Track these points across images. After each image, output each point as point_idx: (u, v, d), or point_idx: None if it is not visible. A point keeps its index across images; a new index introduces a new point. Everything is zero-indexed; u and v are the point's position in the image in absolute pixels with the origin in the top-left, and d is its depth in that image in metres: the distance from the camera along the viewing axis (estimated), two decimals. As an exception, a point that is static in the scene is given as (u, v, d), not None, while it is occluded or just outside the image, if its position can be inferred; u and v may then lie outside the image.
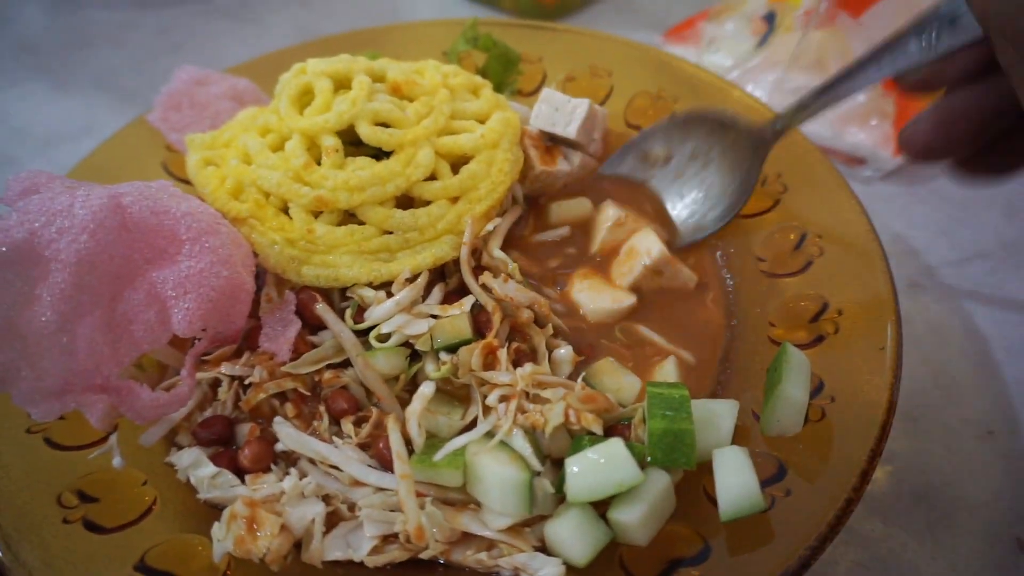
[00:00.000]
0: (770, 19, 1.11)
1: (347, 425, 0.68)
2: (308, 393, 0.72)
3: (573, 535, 0.59)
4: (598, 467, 0.60)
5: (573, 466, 0.61)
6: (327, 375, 0.71)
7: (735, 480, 0.59)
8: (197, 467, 0.66)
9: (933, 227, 1.00)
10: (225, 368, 0.72)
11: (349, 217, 0.78)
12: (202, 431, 0.70)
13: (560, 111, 0.91)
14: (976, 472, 0.76)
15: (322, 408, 0.70)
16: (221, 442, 0.71)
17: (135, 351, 0.67)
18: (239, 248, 0.74)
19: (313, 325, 0.75)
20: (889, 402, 0.64)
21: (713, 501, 0.62)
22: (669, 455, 0.62)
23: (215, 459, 0.68)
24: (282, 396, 0.72)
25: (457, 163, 0.81)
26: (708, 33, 1.18)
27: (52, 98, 1.26)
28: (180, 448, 0.71)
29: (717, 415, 0.65)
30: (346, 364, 0.74)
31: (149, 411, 0.68)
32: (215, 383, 0.74)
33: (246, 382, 0.72)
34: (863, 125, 1.06)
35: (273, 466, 0.68)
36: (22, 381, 0.61)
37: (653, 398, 0.65)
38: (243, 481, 0.67)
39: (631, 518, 0.58)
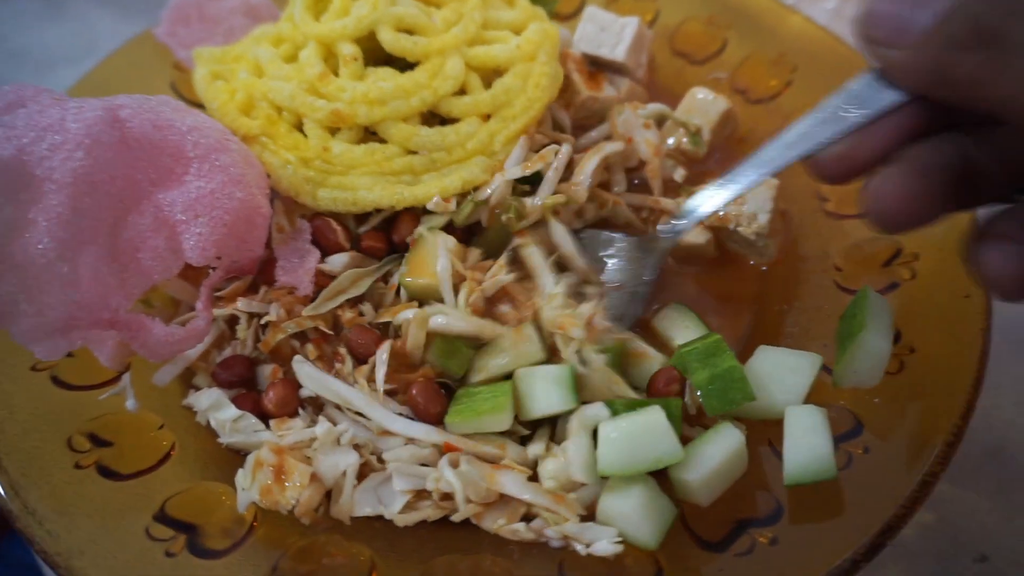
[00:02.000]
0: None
1: (361, 379, 0.62)
2: (330, 331, 0.66)
3: (638, 514, 0.53)
4: (634, 437, 0.54)
5: (608, 432, 0.55)
6: (348, 314, 0.65)
7: (806, 443, 0.53)
8: (218, 409, 0.61)
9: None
10: (242, 304, 0.66)
11: (369, 135, 0.71)
12: (222, 372, 0.65)
13: (607, 31, 0.82)
14: (1052, 428, 0.70)
15: (343, 349, 0.65)
16: (242, 383, 0.66)
17: (145, 282, 0.61)
18: (252, 167, 0.67)
19: (327, 252, 0.69)
20: (981, 353, 0.58)
21: (780, 456, 0.56)
22: (724, 398, 0.57)
23: (237, 401, 0.63)
24: (302, 335, 0.66)
25: (489, 77, 0.73)
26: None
27: (49, 15, 1.17)
28: (198, 390, 0.65)
29: (793, 368, 0.59)
30: (362, 298, 0.68)
31: (163, 347, 0.62)
32: (232, 320, 0.68)
33: (263, 320, 0.66)
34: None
35: (300, 410, 0.62)
36: (21, 316, 0.55)
37: (686, 356, 0.60)
38: (267, 426, 0.61)
39: (695, 477, 0.53)
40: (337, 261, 0.67)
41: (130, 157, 0.60)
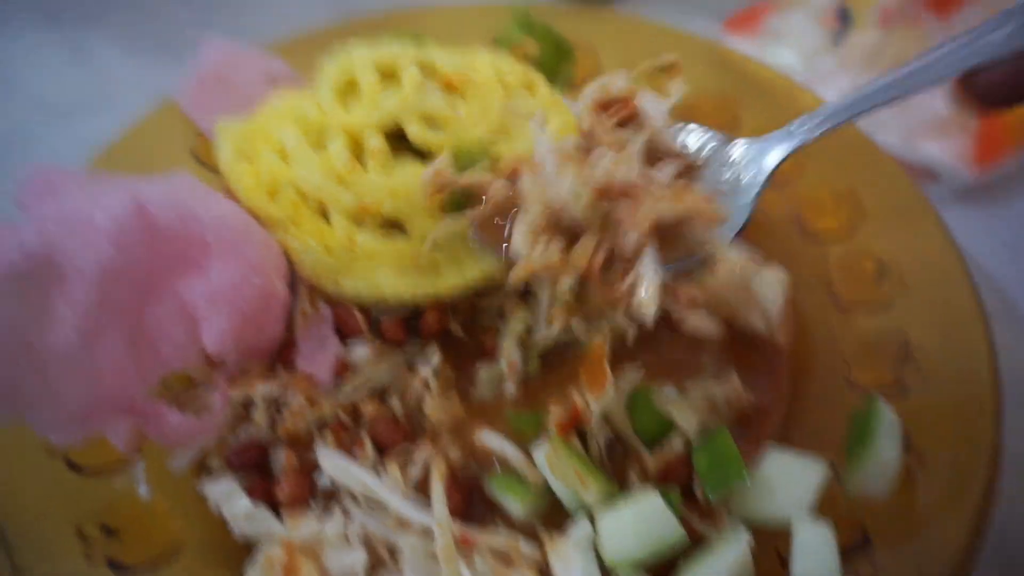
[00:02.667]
0: (843, 16, 1.03)
1: (393, 469, 0.63)
2: (349, 422, 0.67)
3: None
4: (635, 525, 0.55)
5: (606, 523, 0.56)
6: (369, 407, 0.66)
7: (814, 567, 0.54)
8: (231, 500, 0.61)
9: (1011, 251, 0.93)
10: (260, 389, 0.67)
11: (392, 226, 0.72)
12: (236, 458, 0.65)
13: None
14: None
15: (365, 437, 0.65)
16: (256, 469, 0.66)
17: (163, 370, 0.62)
18: (271, 253, 0.68)
19: (346, 339, 0.70)
20: (991, 463, 0.59)
21: (786, 565, 0.57)
22: (722, 480, 0.59)
23: (250, 489, 0.63)
24: (321, 423, 0.67)
25: (512, 170, 0.74)
26: (773, 25, 1.09)
27: (74, 63, 1.19)
28: (210, 470, 0.66)
29: (801, 476, 0.60)
30: (386, 389, 0.69)
31: (178, 436, 0.63)
32: (248, 403, 0.69)
33: (280, 403, 0.67)
34: (940, 137, 0.98)
35: (312, 502, 0.63)
36: (43, 408, 0.56)
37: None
38: (279, 516, 0.62)
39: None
40: (359, 351, 0.68)
41: (154, 248, 0.61)
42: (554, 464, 0.61)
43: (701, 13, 1.20)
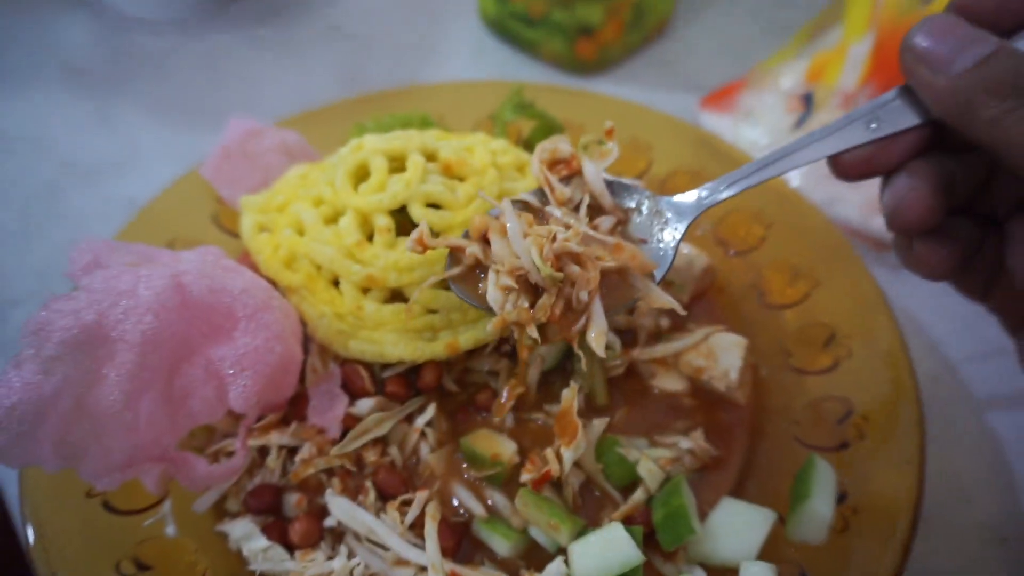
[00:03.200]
0: (808, 100, 1.13)
1: (393, 512, 0.71)
2: (354, 468, 0.75)
3: None
4: (601, 550, 0.65)
5: (576, 549, 0.66)
6: (371, 455, 0.75)
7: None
8: (249, 539, 0.70)
9: (958, 319, 1.02)
10: (275, 438, 0.75)
11: (395, 294, 0.81)
12: (252, 500, 0.74)
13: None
14: (985, 577, 0.79)
15: (368, 483, 0.74)
16: (270, 511, 0.74)
17: (192, 423, 0.71)
18: (289, 319, 0.77)
19: (354, 396, 0.79)
20: (912, 519, 0.68)
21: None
22: (674, 534, 0.68)
23: (266, 530, 0.71)
24: (328, 470, 0.75)
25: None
26: (745, 104, 1.20)
27: (98, 123, 1.29)
28: (229, 513, 0.74)
29: (749, 521, 0.69)
30: (386, 438, 0.78)
31: (204, 481, 0.71)
32: (263, 449, 0.77)
33: (294, 454, 0.75)
34: (892, 210, 1.08)
35: (321, 541, 0.71)
36: (90, 459, 0.64)
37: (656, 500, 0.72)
38: (291, 554, 0.70)
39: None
40: (364, 405, 0.77)
41: (188, 316, 0.70)
42: (527, 513, 0.70)
43: (680, 87, 1.32)
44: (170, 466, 0.69)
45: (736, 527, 0.69)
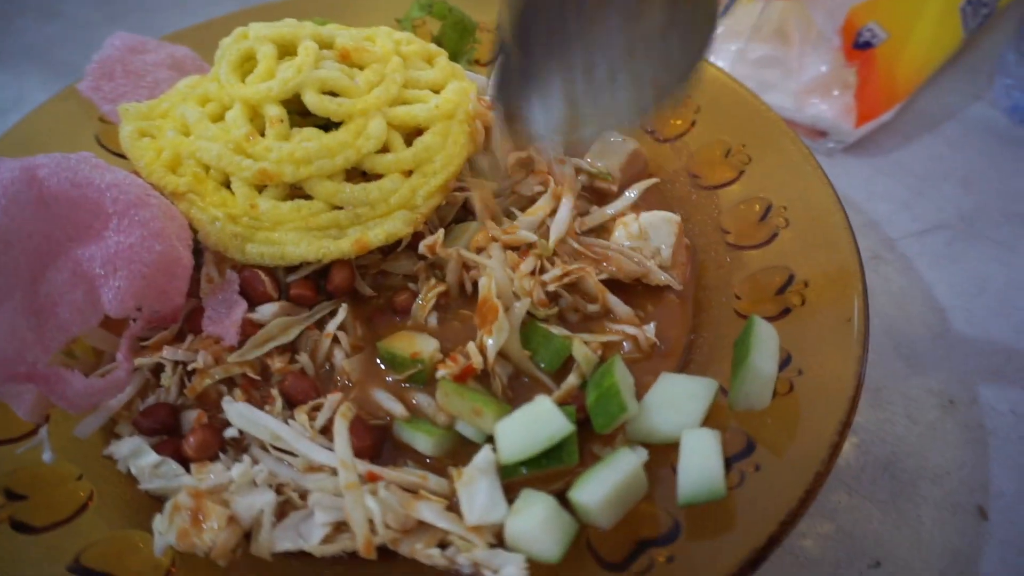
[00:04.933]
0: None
1: (301, 416, 0.64)
2: (258, 377, 0.68)
3: (540, 530, 0.56)
4: (527, 425, 0.60)
5: (502, 428, 0.60)
6: (278, 362, 0.67)
7: (698, 464, 0.57)
8: (138, 456, 0.62)
9: (894, 199, 1.00)
10: (167, 353, 0.68)
11: (295, 191, 0.74)
12: (144, 420, 0.66)
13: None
14: (938, 442, 0.76)
15: (275, 391, 0.67)
16: (165, 431, 0.67)
17: (63, 335, 0.63)
18: (172, 220, 0.69)
19: (256, 303, 0.71)
20: (858, 374, 0.63)
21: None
22: (607, 414, 0.63)
23: (158, 448, 0.64)
24: (230, 381, 0.68)
25: (411, 135, 0.77)
26: None
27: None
28: (119, 437, 0.66)
29: (690, 394, 0.63)
30: (295, 345, 0.71)
31: (82, 399, 0.63)
32: (157, 369, 0.69)
33: (190, 367, 0.68)
34: (825, 96, 1.05)
35: (222, 454, 0.64)
36: (-65, 373, 0.56)
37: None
38: (188, 471, 0.63)
39: (593, 499, 0.56)
40: (266, 311, 0.70)
41: (47, 215, 0.62)
42: (449, 404, 0.64)
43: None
44: (42, 385, 0.61)
45: (676, 400, 0.64)
